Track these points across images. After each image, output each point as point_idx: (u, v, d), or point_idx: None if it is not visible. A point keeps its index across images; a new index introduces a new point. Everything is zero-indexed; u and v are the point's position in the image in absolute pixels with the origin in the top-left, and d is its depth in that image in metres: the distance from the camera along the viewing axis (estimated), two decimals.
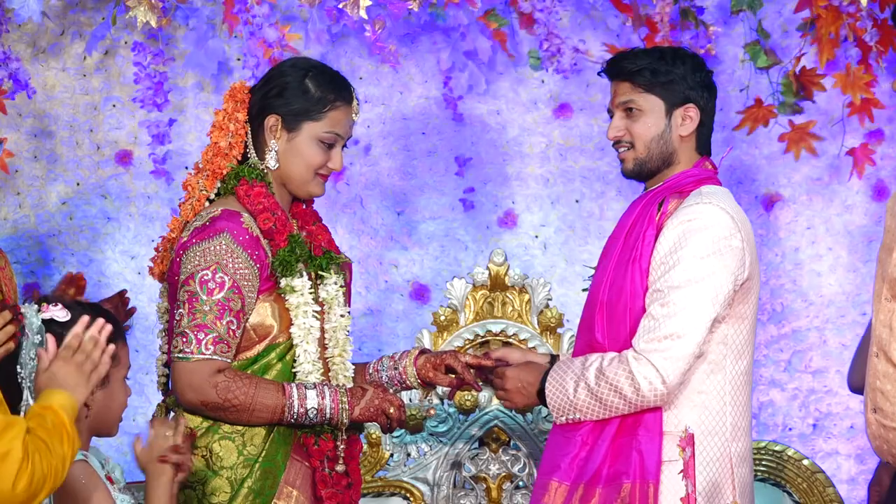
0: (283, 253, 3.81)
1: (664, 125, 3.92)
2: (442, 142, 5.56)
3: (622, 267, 3.87)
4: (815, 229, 5.50)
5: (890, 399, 3.47)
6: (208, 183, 3.89)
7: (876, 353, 3.52)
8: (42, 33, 5.48)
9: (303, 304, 3.82)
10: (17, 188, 5.51)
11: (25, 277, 5.43)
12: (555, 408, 3.86)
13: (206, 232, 3.78)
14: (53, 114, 5.54)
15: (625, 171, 3.96)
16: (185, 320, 3.75)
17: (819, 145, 5.40)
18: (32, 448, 3.00)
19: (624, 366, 3.77)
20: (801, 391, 5.48)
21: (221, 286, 3.74)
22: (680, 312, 3.76)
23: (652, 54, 3.98)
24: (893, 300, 3.48)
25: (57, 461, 3.04)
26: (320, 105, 3.87)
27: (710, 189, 3.91)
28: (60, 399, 3.14)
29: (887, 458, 3.56)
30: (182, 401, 3.78)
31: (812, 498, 4.93)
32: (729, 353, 3.84)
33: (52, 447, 3.05)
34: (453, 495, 4.93)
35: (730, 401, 3.85)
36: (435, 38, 5.44)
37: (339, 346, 3.92)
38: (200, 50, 5.37)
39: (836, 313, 5.49)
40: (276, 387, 3.77)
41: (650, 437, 3.80)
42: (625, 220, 3.96)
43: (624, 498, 3.77)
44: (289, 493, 3.82)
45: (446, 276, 5.35)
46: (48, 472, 3.02)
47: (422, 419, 4.91)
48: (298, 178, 3.89)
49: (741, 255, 3.83)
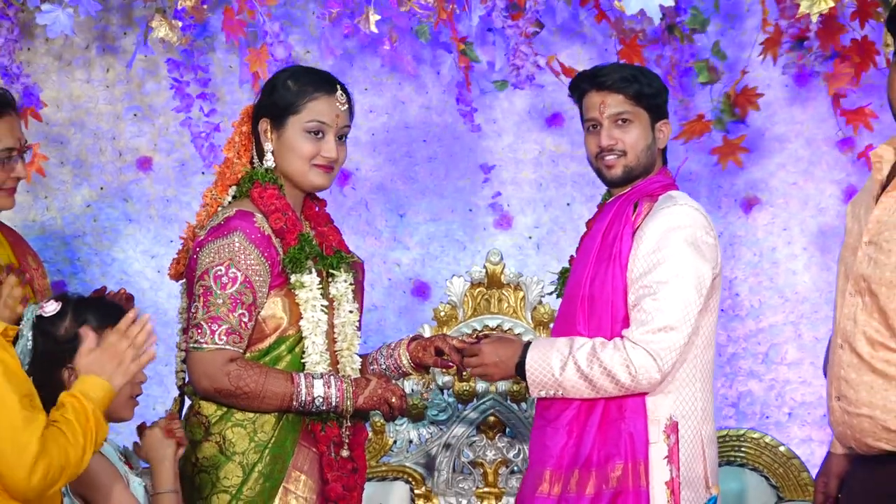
0: (293, 251, 3.85)
1: (650, 137, 3.99)
2: (442, 149, 5.55)
3: (602, 264, 3.91)
4: (791, 230, 5.48)
5: (854, 387, 3.60)
6: (219, 191, 3.97)
7: (841, 345, 3.64)
8: (67, 47, 5.50)
9: (311, 298, 3.86)
10: (45, 192, 5.53)
11: (52, 276, 5.30)
12: (535, 382, 3.90)
13: (220, 230, 3.83)
14: (79, 122, 5.55)
15: (612, 177, 3.99)
16: (201, 313, 3.80)
17: (793, 152, 5.44)
18: (51, 441, 3.01)
19: (620, 352, 3.82)
20: (777, 382, 5.47)
21: (234, 281, 3.79)
22: (671, 306, 3.83)
23: (634, 69, 4.03)
24: (857, 295, 3.62)
25: (75, 450, 3.05)
26: (300, 98, 3.89)
27: (679, 193, 3.99)
28: (90, 386, 3.13)
29: (850, 444, 3.67)
30: (197, 388, 3.83)
31: (788, 482, 5.02)
32: (700, 343, 3.92)
33: (72, 437, 3.05)
34: (452, 479, 5.02)
35: (700, 387, 3.92)
36: (434, 52, 5.40)
37: (347, 339, 3.96)
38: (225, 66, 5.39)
39: (811, 309, 5.47)
40: (285, 376, 3.81)
41: (636, 421, 3.85)
42: (600, 222, 4.00)
43: (618, 477, 3.83)
44: (297, 477, 3.87)
45: (446, 275, 5.39)
46: (65, 462, 3.03)
47: (423, 408, 4.95)
48: (296, 171, 3.92)
49: (715, 250, 3.93)
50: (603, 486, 3.85)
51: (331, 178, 3.97)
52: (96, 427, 3.11)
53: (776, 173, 5.50)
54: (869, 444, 3.62)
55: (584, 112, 4.04)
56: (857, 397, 3.62)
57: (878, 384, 3.59)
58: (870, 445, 3.62)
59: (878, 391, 3.58)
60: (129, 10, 5.43)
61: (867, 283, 3.61)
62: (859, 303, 3.64)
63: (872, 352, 3.59)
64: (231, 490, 3.85)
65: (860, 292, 3.64)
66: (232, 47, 5.44)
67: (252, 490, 3.84)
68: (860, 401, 3.61)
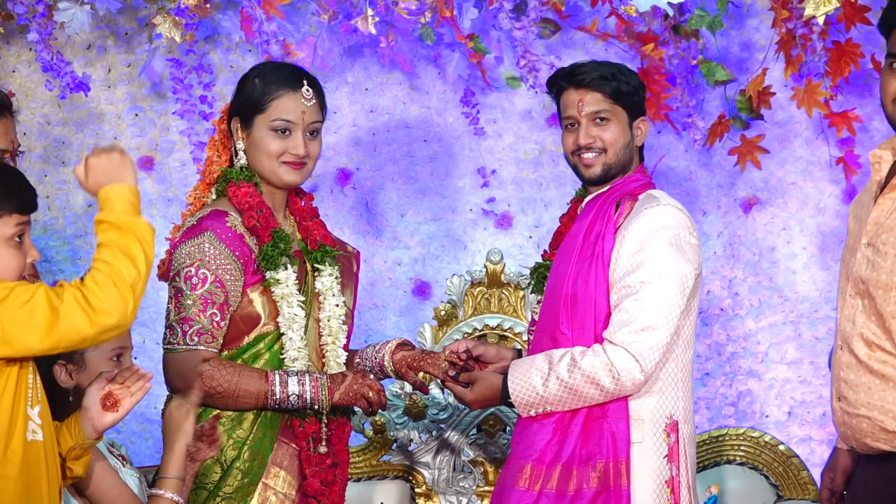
0: (266, 248, 3.87)
1: (629, 135, 3.99)
2: (442, 148, 5.55)
3: (585, 262, 3.91)
4: (791, 230, 5.49)
5: (853, 388, 3.62)
6: (201, 191, 4.00)
7: (840, 346, 3.66)
8: (69, 47, 5.48)
9: (287, 294, 3.88)
10: (47, 192, 5.51)
11: (55, 275, 5.41)
12: (522, 404, 3.89)
13: (192, 231, 3.86)
14: (80, 122, 5.54)
15: (591, 175, 3.99)
16: (173, 314, 3.84)
17: (793, 152, 5.44)
18: (90, 282, 3.09)
19: (601, 357, 3.81)
20: (777, 381, 5.48)
21: (204, 281, 3.81)
22: (653, 306, 3.82)
23: (612, 67, 4.02)
24: (857, 297, 3.64)
25: (127, 264, 3.11)
26: (265, 96, 3.91)
27: (660, 192, 4.00)
28: (104, 202, 3.18)
29: (851, 444, 3.70)
30: (172, 389, 3.84)
31: (787, 481, 5.04)
32: (681, 343, 3.91)
33: (113, 260, 3.11)
34: (453, 478, 5.03)
35: (681, 387, 3.92)
36: (436, 53, 5.41)
37: (332, 334, 3.97)
38: (226, 66, 5.37)
39: (810, 308, 5.47)
40: (259, 374, 3.83)
41: (619, 421, 3.85)
42: (581, 221, 3.99)
43: (599, 476, 3.84)
44: (276, 472, 3.89)
45: (446, 274, 5.40)
46: (119, 281, 3.09)
47: (423, 407, 4.96)
48: (265, 169, 3.93)
49: (698, 251, 3.93)
50: (584, 485, 3.85)
51: (302, 174, 3.98)
52: (136, 230, 3.16)
53: (775, 173, 5.51)
54: (868, 444, 3.65)
55: (562, 110, 4.04)
56: (856, 398, 3.64)
57: (876, 385, 3.61)
58: (869, 445, 3.65)
59: (876, 392, 3.61)
60: (130, 10, 5.43)
61: (865, 285, 3.63)
62: (859, 305, 3.65)
63: (870, 353, 3.61)
64: (209, 486, 3.87)
65: (859, 294, 3.66)
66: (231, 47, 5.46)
67: (230, 486, 3.86)
68: (859, 401, 3.63)
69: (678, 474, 3.88)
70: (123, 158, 3.24)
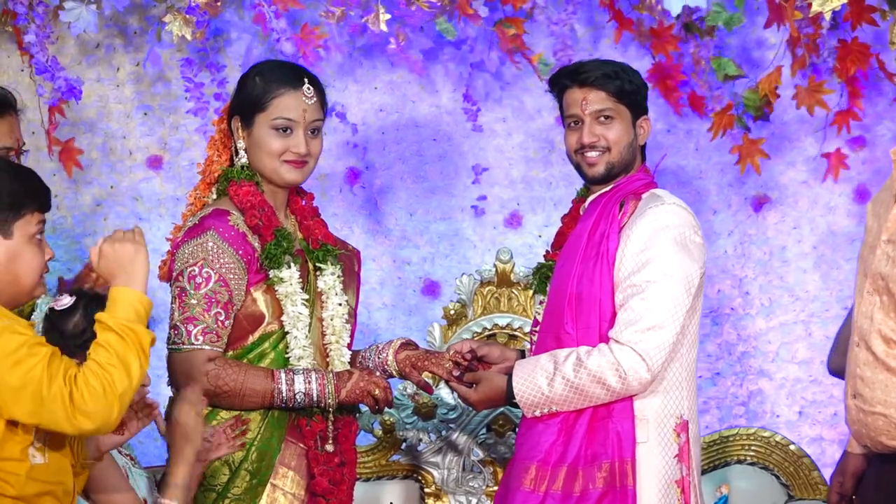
0: (269, 247, 3.87)
1: (632, 133, 3.99)
2: (452, 147, 5.55)
3: (590, 262, 3.92)
4: (801, 229, 5.50)
5: (869, 385, 3.63)
6: (202, 190, 4.00)
7: (857, 343, 3.66)
8: (78, 46, 5.49)
9: (291, 293, 3.88)
10: (55, 191, 5.06)
11: (63, 274, 5.34)
12: (527, 404, 3.89)
13: (194, 231, 3.86)
14: (88, 121, 5.54)
15: (594, 174, 3.99)
16: (177, 314, 3.84)
17: (803, 151, 5.45)
18: (80, 381, 3.04)
19: (607, 357, 3.82)
20: (787, 380, 5.49)
21: (208, 280, 3.81)
22: (659, 305, 3.83)
23: (616, 65, 4.02)
24: (875, 294, 3.65)
25: (119, 371, 3.07)
26: (266, 95, 3.90)
27: (663, 192, 4.00)
28: (110, 304, 3.13)
29: (865, 442, 3.71)
30: (177, 389, 3.81)
31: (798, 481, 5.04)
32: (686, 342, 3.91)
33: (106, 362, 3.07)
34: (462, 478, 5.03)
35: (686, 386, 3.93)
36: (446, 51, 5.44)
37: (336, 333, 3.96)
38: (236, 65, 5.38)
39: (821, 307, 5.48)
40: (265, 373, 3.83)
41: (624, 421, 3.86)
42: (585, 221, 4.00)
43: (605, 476, 3.84)
44: (284, 473, 3.89)
45: (456, 273, 5.38)
46: (110, 387, 3.04)
47: (433, 407, 4.96)
48: (267, 168, 3.93)
49: (703, 250, 3.94)
50: (589, 486, 3.85)
51: (304, 172, 3.97)
52: (137, 339, 3.12)
53: (786, 172, 5.52)
54: (884, 442, 3.65)
55: (565, 108, 4.04)
56: (872, 395, 3.64)
57: (893, 383, 3.61)
58: (884, 444, 3.65)
59: (893, 390, 3.61)
60: (140, 8, 5.44)
61: (885, 281, 3.63)
62: (877, 301, 3.65)
63: (888, 350, 3.62)
64: (218, 488, 3.87)
65: (878, 291, 3.66)
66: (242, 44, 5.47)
67: (239, 488, 3.86)
68: (875, 399, 3.64)
69: (688, 474, 3.89)
70: (137, 252, 3.21)
